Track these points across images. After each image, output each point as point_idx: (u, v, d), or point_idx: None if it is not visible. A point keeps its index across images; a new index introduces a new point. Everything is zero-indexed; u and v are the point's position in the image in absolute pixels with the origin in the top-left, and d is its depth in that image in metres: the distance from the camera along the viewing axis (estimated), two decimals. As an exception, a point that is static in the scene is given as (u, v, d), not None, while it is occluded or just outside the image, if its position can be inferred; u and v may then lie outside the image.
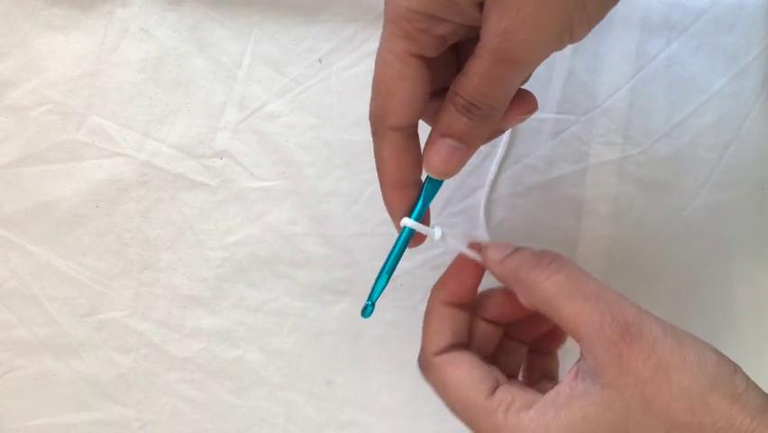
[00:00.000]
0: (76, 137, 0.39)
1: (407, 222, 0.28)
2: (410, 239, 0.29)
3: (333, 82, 0.39)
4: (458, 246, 0.31)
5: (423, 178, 0.29)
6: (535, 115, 0.39)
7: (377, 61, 0.26)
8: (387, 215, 0.29)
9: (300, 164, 0.39)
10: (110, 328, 0.41)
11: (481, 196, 0.39)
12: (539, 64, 0.25)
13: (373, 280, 0.30)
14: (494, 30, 0.23)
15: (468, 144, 0.26)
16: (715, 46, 0.38)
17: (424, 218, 0.29)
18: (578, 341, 0.26)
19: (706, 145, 0.39)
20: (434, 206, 0.39)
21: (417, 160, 0.28)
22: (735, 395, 0.23)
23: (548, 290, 0.26)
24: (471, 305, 0.31)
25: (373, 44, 0.38)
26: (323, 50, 0.38)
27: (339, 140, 0.39)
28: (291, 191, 0.40)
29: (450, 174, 0.27)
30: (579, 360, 0.26)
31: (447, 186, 0.39)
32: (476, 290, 0.31)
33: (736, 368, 0.24)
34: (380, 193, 0.29)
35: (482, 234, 0.38)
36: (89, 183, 0.40)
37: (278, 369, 0.42)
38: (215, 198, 0.40)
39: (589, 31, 0.25)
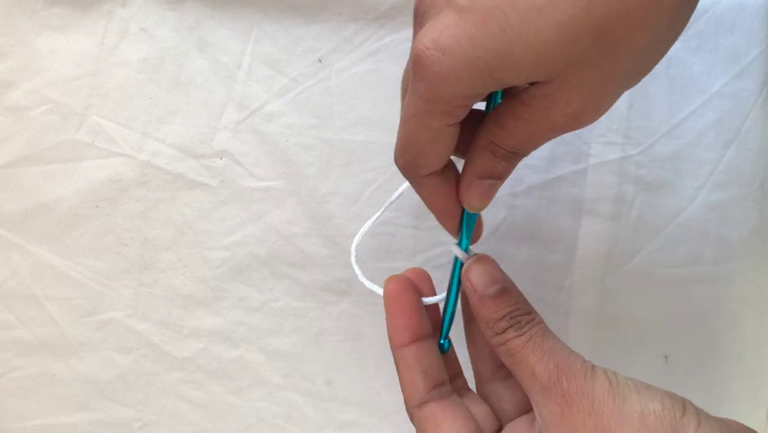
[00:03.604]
0: (75, 137, 0.39)
1: (456, 250, 0.29)
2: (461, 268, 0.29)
3: (333, 82, 0.39)
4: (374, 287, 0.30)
5: None
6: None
7: (408, 123, 0.25)
8: (387, 215, 0.29)
9: (300, 164, 0.39)
10: (110, 328, 0.41)
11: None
12: None
13: (374, 281, 0.30)
14: (563, 110, 0.23)
15: (501, 180, 0.27)
16: (715, 46, 0.38)
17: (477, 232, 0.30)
18: (530, 397, 0.26)
19: (706, 145, 0.39)
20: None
21: (452, 193, 0.28)
22: None
23: (512, 345, 0.26)
24: (429, 330, 0.29)
25: (373, 44, 0.38)
26: (323, 50, 0.38)
27: (339, 140, 0.39)
28: (291, 191, 0.40)
29: (486, 206, 0.28)
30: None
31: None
32: (422, 314, 0.29)
33: (684, 409, 0.23)
34: (381, 193, 0.29)
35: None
36: (89, 183, 0.40)
37: (278, 369, 0.42)
38: (215, 198, 0.40)
39: (521, 76, 0.23)
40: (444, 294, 0.30)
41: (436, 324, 0.30)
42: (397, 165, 0.27)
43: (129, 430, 0.42)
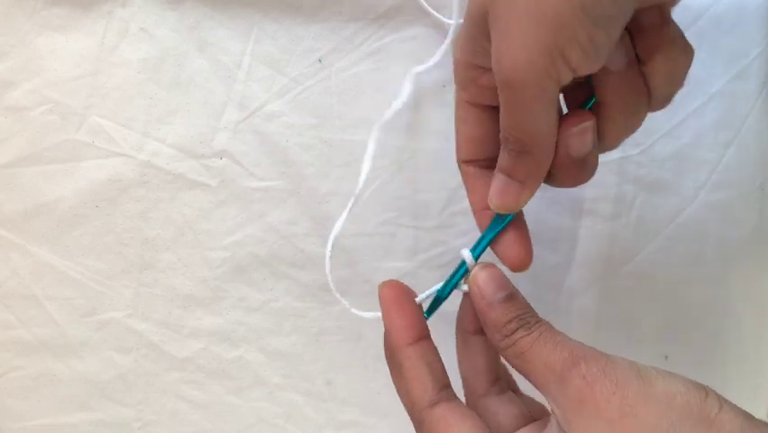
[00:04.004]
0: (75, 137, 0.39)
1: (465, 254, 0.29)
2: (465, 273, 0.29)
3: (333, 82, 0.39)
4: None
5: None
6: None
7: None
8: (387, 215, 0.29)
9: (300, 164, 0.39)
10: (110, 328, 0.41)
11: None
12: (544, 92, 0.24)
13: (374, 281, 0.30)
14: (492, 55, 0.23)
15: (517, 180, 0.27)
16: (715, 46, 0.38)
17: (523, 245, 0.30)
18: (544, 393, 0.25)
19: (706, 145, 0.39)
20: (435, 206, 0.39)
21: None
22: (708, 420, 0.22)
23: (522, 343, 0.26)
24: (428, 330, 0.29)
25: (373, 44, 0.38)
26: (323, 50, 0.38)
27: (339, 140, 0.39)
28: (291, 191, 0.40)
29: (508, 209, 0.28)
30: (546, 419, 0.26)
31: (447, 186, 0.39)
32: (420, 314, 0.29)
33: (707, 392, 0.23)
34: (381, 193, 0.30)
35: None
36: (89, 183, 0.39)
37: (278, 369, 0.42)
38: (215, 198, 0.40)
39: (593, 61, 0.24)
40: (431, 291, 0.30)
41: None
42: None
43: (129, 430, 0.42)
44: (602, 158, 0.40)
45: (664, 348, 0.41)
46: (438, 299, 0.30)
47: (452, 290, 0.29)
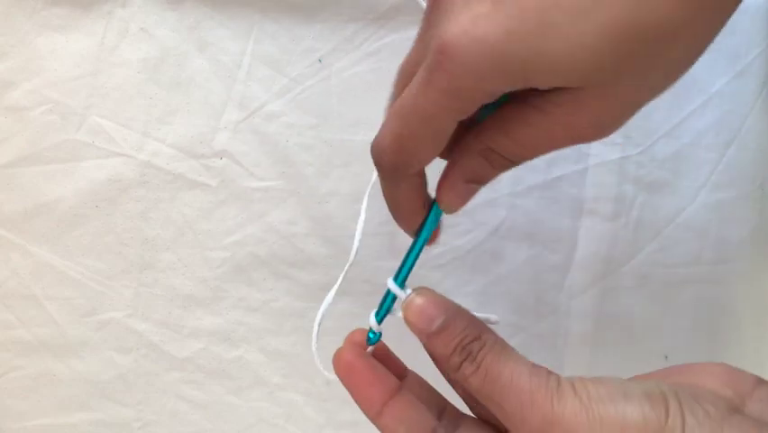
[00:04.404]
0: (75, 137, 0.39)
1: (389, 285, 0.28)
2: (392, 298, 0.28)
3: (333, 82, 0.39)
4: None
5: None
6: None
7: (412, 118, 0.23)
8: (387, 215, 0.29)
9: (300, 164, 0.39)
10: (110, 328, 0.41)
11: (482, 195, 0.39)
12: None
13: (374, 281, 0.30)
14: (587, 120, 0.22)
15: (486, 184, 0.26)
16: (715, 46, 0.38)
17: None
18: (506, 423, 0.24)
19: (706, 145, 0.39)
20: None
21: (425, 192, 0.27)
22: None
23: (472, 383, 0.24)
24: (395, 383, 0.27)
25: (373, 44, 0.38)
26: (323, 50, 0.38)
27: (339, 140, 0.39)
28: (291, 191, 0.40)
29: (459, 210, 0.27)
30: None
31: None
32: (380, 373, 0.27)
33: (668, 411, 0.21)
34: (381, 193, 0.29)
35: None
36: (89, 183, 0.39)
37: (278, 369, 0.42)
38: (215, 198, 0.40)
39: (554, 79, 0.21)
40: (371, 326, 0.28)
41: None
42: (382, 161, 0.25)
43: (129, 430, 0.42)
44: (602, 158, 0.40)
45: (664, 348, 0.41)
46: (374, 336, 0.28)
47: (383, 319, 0.28)
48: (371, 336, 0.28)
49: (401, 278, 0.28)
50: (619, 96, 0.21)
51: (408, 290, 0.27)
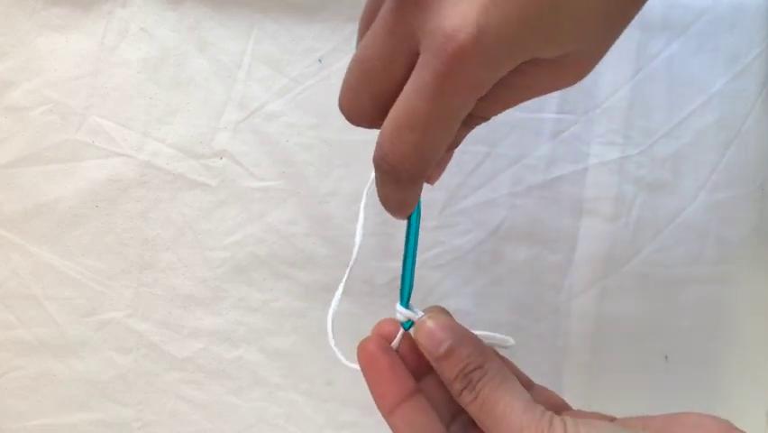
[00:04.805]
0: (75, 137, 0.39)
1: (400, 312, 0.28)
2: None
3: (333, 82, 0.39)
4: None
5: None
6: (536, 115, 0.39)
7: (437, 125, 0.22)
8: (387, 215, 0.28)
9: (300, 164, 0.39)
10: (110, 328, 0.41)
11: (482, 195, 0.39)
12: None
13: (374, 281, 0.30)
14: (571, 76, 0.23)
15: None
16: (715, 46, 0.38)
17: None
18: None
19: (706, 145, 0.39)
20: (435, 206, 0.39)
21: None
22: None
23: (471, 410, 0.25)
24: (412, 386, 0.27)
25: (373, 44, 0.38)
26: (323, 50, 0.38)
27: (339, 140, 0.39)
28: (291, 191, 0.40)
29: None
30: None
31: (448, 186, 0.39)
32: (399, 373, 0.27)
33: None
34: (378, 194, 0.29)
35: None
36: (89, 183, 0.40)
37: (278, 369, 0.42)
38: (215, 198, 0.40)
39: (559, 50, 0.21)
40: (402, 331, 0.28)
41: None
42: (401, 175, 0.23)
43: (129, 430, 0.42)
44: (602, 158, 0.40)
45: (664, 348, 0.41)
46: (407, 323, 0.28)
47: (408, 302, 0.29)
48: (405, 325, 0.28)
49: (404, 301, 0.28)
50: (604, 50, 0.22)
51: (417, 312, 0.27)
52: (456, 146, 0.26)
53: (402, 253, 0.30)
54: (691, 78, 0.39)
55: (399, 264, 0.41)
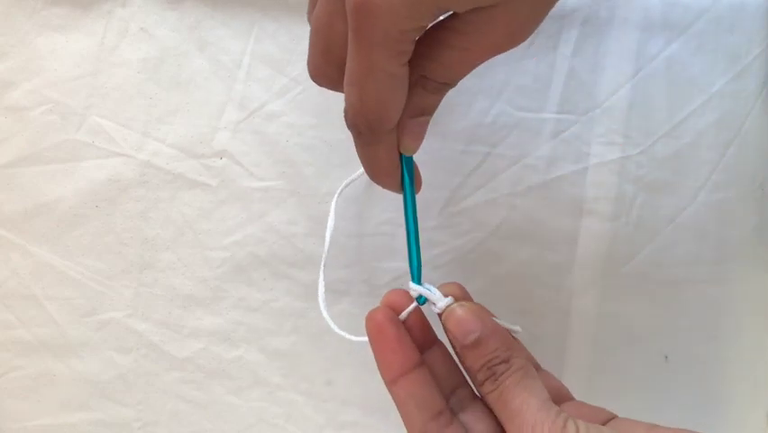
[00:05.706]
0: (75, 137, 0.39)
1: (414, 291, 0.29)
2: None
3: (333, 82, 0.39)
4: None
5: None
6: (535, 115, 0.39)
7: (367, 77, 0.24)
8: (387, 215, 0.29)
9: (300, 164, 0.39)
10: (110, 328, 0.41)
11: (482, 195, 0.39)
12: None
13: (374, 281, 0.30)
14: (503, 31, 0.23)
15: (432, 114, 0.27)
16: (715, 46, 0.38)
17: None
18: None
19: (706, 145, 0.39)
20: (435, 206, 0.39)
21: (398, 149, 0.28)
22: None
23: (489, 399, 0.25)
24: (417, 359, 0.28)
25: (373, 44, 0.38)
26: (323, 50, 0.38)
27: (339, 140, 0.39)
28: (291, 191, 0.40)
29: (418, 149, 0.28)
30: None
31: (447, 186, 0.39)
32: (406, 345, 0.28)
33: None
34: (380, 193, 0.29)
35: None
36: (89, 183, 0.40)
37: (278, 369, 0.42)
38: (215, 198, 0.40)
39: (468, 2, 0.22)
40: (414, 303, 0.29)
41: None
42: (359, 126, 0.25)
43: (129, 430, 0.42)
44: (602, 158, 0.40)
45: (664, 348, 0.41)
46: (421, 299, 0.29)
47: (419, 278, 0.30)
48: (421, 300, 0.29)
49: (416, 279, 0.29)
50: (527, 5, 0.23)
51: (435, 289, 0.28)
52: (429, 113, 0.27)
53: (403, 254, 0.30)
54: (691, 78, 0.39)
55: (399, 265, 0.41)
